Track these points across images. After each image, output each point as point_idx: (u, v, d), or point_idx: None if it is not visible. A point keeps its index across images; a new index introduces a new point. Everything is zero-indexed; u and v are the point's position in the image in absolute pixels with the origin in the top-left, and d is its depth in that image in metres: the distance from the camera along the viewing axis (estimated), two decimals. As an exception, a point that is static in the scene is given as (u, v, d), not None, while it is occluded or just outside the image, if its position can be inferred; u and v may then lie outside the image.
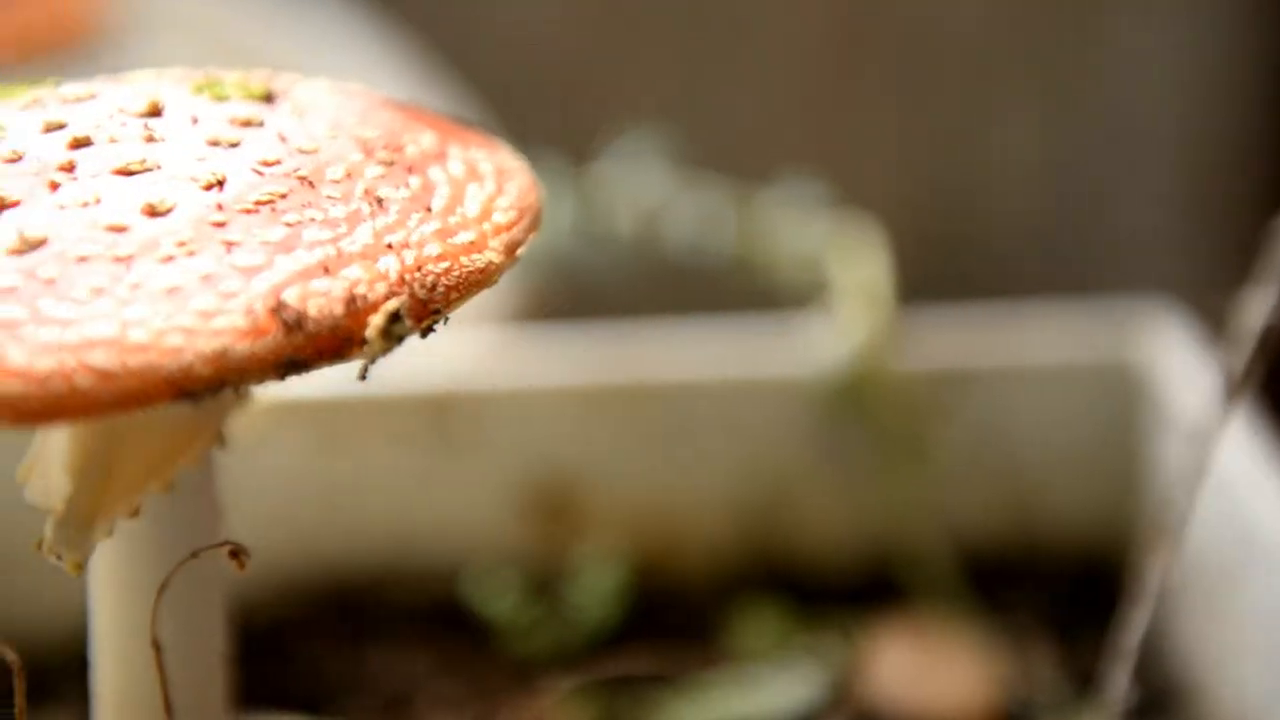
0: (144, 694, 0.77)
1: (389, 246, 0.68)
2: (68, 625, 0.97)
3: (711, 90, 2.03)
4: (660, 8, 2.02)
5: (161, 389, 0.62)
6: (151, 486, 0.71)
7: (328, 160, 0.72)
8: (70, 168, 0.69)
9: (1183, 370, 1.07)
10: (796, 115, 2.04)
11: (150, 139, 0.71)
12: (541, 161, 0.82)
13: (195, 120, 0.73)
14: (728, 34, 2.03)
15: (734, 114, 2.03)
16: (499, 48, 2.00)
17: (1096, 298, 1.23)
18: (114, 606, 0.77)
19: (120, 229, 0.66)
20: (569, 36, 2.02)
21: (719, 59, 2.03)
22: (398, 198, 0.71)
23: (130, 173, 0.69)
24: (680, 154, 1.17)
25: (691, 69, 2.03)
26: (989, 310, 1.17)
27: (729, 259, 1.14)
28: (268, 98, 0.76)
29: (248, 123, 0.73)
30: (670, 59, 2.03)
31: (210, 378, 0.63)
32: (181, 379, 0.63)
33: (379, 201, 0.70)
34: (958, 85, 2.03)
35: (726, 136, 1.87)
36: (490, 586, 1.07)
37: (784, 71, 2.03)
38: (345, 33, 1.61)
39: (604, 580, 1.08)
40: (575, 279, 1.16)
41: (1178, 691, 1.03)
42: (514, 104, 1.61)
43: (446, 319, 0.69)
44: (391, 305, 0.66)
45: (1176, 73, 2.03)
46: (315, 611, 1.08)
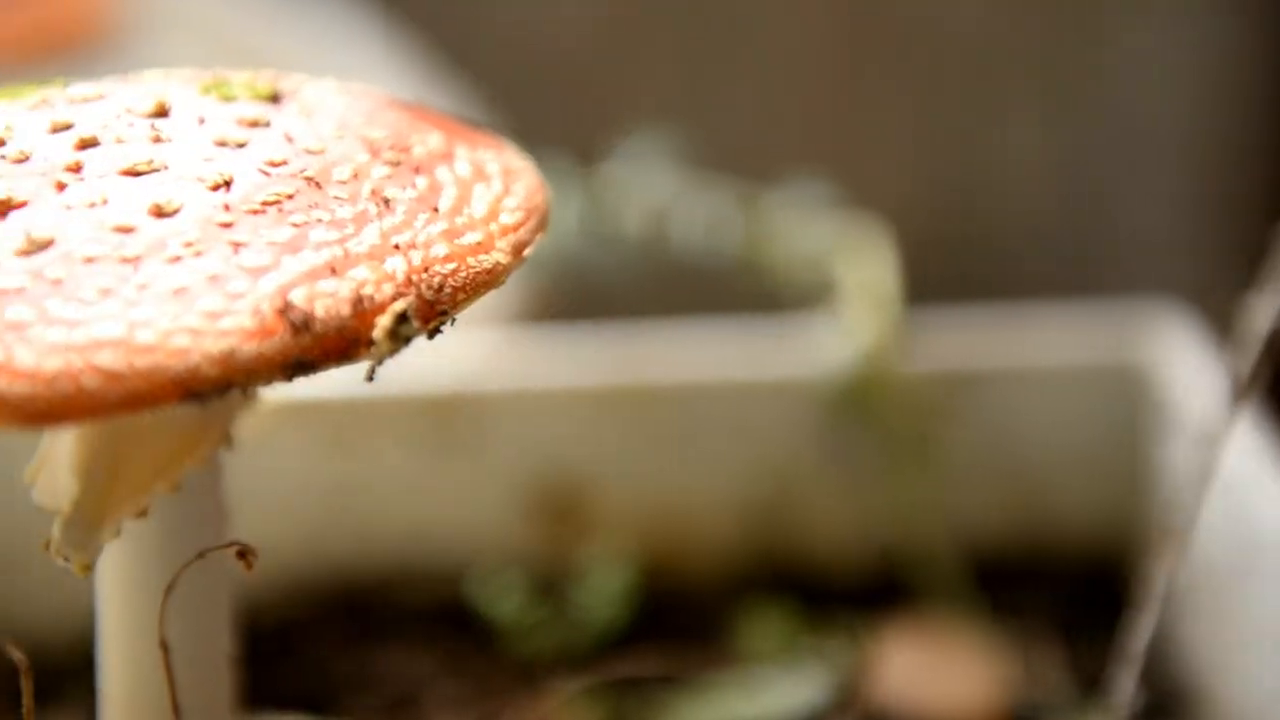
0: (151, 694, 0.77)
1: (396, 247, 0.68)
2: (75, 626, 0.97)
3: (718, 91, 2.03)
4: (667, 8, 2.02)
5: (169, 390, 0.62)
6: (159, 487, 0.71)
7: (335, 161, 0.72)
8: (77, 168, 0.69)
9: (1189, 372, 1.07)
10: (803, 116, 2.04)
11: (157, 139, 0.71)
12: (548, 162, 0.82)
13: (202, 121, 0.73)
14: (734, 35, 2.03)
15: (740, 115, 2.02)
16: (504, 47, 2.00)
17: (1102, 299, 1.23)
18: (121, 607, 0.77)
19: (127, 229, 0.66)
20: (575, 36, 2.02)
21: (725, 60, 2.02)
22: (405, 198, 0.71)
23: (137, 173, 0.69)
24: (687, 155, 1.16)
25: (697, 70, 2.03)
26: (995, 311, 1.16)
27: (735, 260, 1.14)
28: (275, 98, 0.76)
29: (255, 123, 0.73)
30: (677, 59, 2.03)
31: (217, 379, 0.63)
32: (189, 380, 0.63)
33: (386, 202, 0.70)
34: (963, 86, 2.03)
35: (733, 137, 1.87)
36: (497, 587, 1.07)
37: (790, 72, 2.03)
38: (350, 32, 1.61)
39: (610, 581, 1.08)
40: (582, 280, 1.16)
41: (1184, 694, 1.02)
42: (520, 104, 1.61)
43: (454, 320, 0.69)
44: (399, 306, 0.66)
45: (1183, 73, 2.03)
46: (322, 612, 1.07)
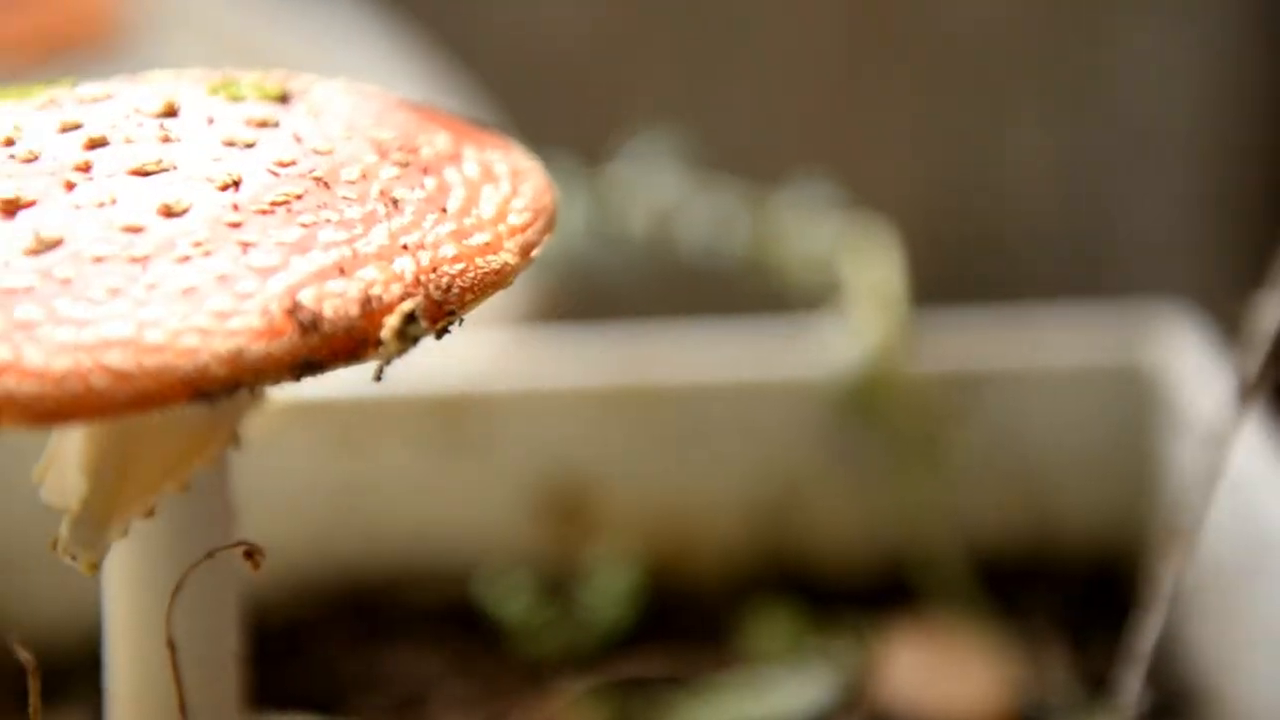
0: (158, 693, 0.77)
1: (404, 247, 0.68)
2: (82, 625, 0.97)
3: (722, 91, 2.03)
4: (670, 9, 2.02)
5: (177, 389, 0.62)
6: (167, 487, 0.71)
7: (343, 161, 0.72)
8: (86, 168, 0.69)
9: (1197, 373, 1.07)
10: (806, 116, 2.04)
11: (166, 139, 0.71)
12: (553, 163, 0.82)
13: (211, 121, 0.73)
14: (737, 35, 2.02)
15: (744, 115, 2.02)
16: (507, 47, 2.00)
17: (1110, 300, 1.23)
18: (128, 606, 0.77)
19: (136, 229, 0.66)
20: (578, 37, 2.02)
21: (729, 60, 2.02)
22: (413, 199, 0.71)
23: (146, 173, 0.69)
24: (693, 155, 1.16)
25: (702, 70, 2.03)
26: (1002, 312, 1.16)
27: (742, 261, 1.14)
28: (283, 98, 0.76)
29: (263, 123, 0.73)
30: (683, 60, 2.03)
31: (226, 378, 0.63)
32: (197, 379, 0.63)
33: (394, 203, 0.70)
34: (967, 86, 2.03)
35: (737, 138, 1.87)
36: (503, 587, 1.07)
37: (794, 72, 2.03)
38: (356, 32, 1.61)
39: (617, 581, 1.08)
40: (588, 280, 1.16)
41: (1191, 694, 1.02)
42: (523, 104, 1.61)
43: (461, 320, 0.69)
44: (407, 306, 0.66)
45: (1191, 74, 2.03)
46: (329, 612, 1.08)
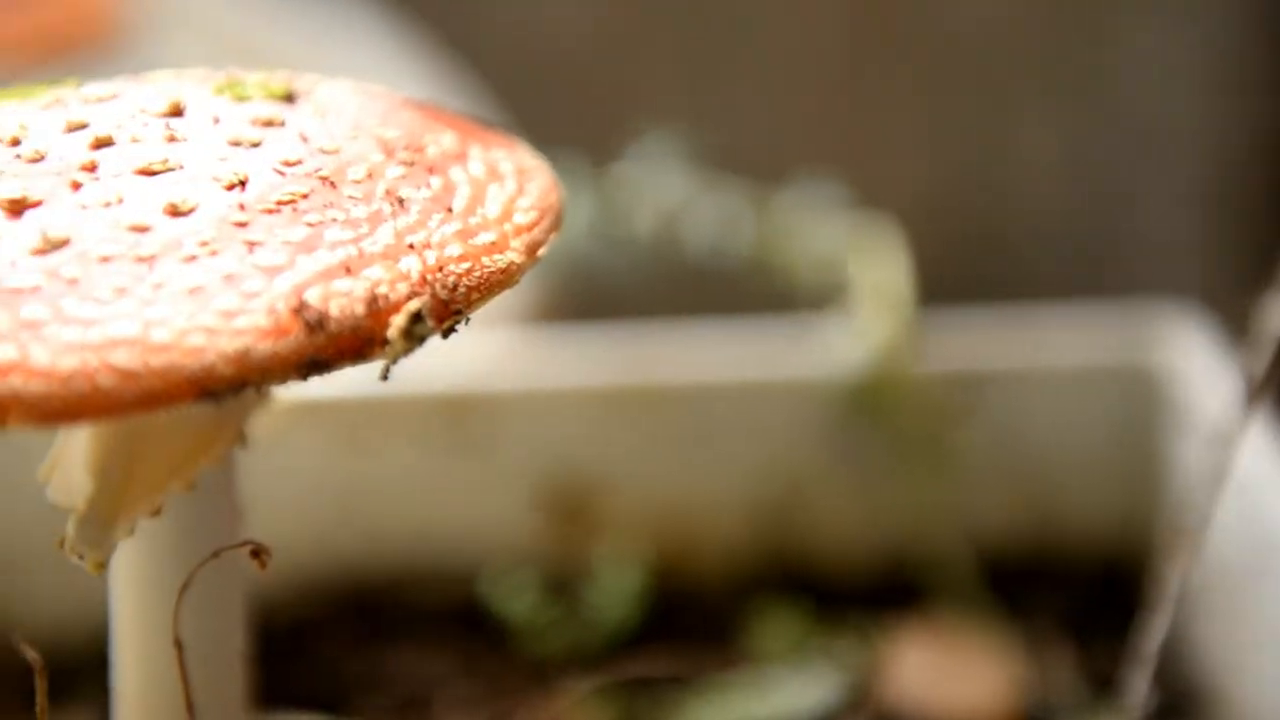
0: (164, 692, 0.77)
1: (410, 247, 0.68)
2: (89, 624, 0.97)
3: (727, 91, 2.03)
4: (678, 9, 2.02)
5: (184, 389, 0.62)
6: (173, 486, 0.71)
7: (349, 160, 0.72)
8: (92, 168, 0.69)
9: (1203, 373, 1.07)
10: (812, 116, 2.04)
11: (172, 139, 0.71)
12: (559, 162, 0.82)
13: (217, 120, 0.73)
14: (743, 35, 2.02)
15: (749, 115, 2.02)
16: (515, 47, 2.00)
17: (1116, 300, 1.23)
18: (135, 605, 0.77)
19: (143, 229, 0.66)
20: (582, 37, 2.02)
21: (734, 60, 2.02)
22: (419, 198, 0.71)
23: (152, 173, 0.69)
24: (698, 155, 1.16)
25: (709, 70, 2.03)
26: (1008, 312, 1.16)
27: (747, 260, 1.14)
28: (289, 98, 0.76)
29: (269, 123, 0.73)
30: (688, 60, 2.03)
31: (232, 377, 0.63)
32: (204, 379, 0.63)
33: (400, 202, 0.70)
34: (975, 86, 2.03)
35: (744, 137, 1.87)
36: (508, 587, 1.07)
37: (800, 72, 2.03)
38: (359, 32, 1.61)
39: (622, 581, 1.08)
40: (593, 280, 1.16)
41: (1197, 695, 1.02)
42: (530, 104, 1.61)
43: (468, 319, 0.69)
44: (413, 305, 0.66)
45: (1195, 73, 2.03)
46: (334, 611, 1.08)
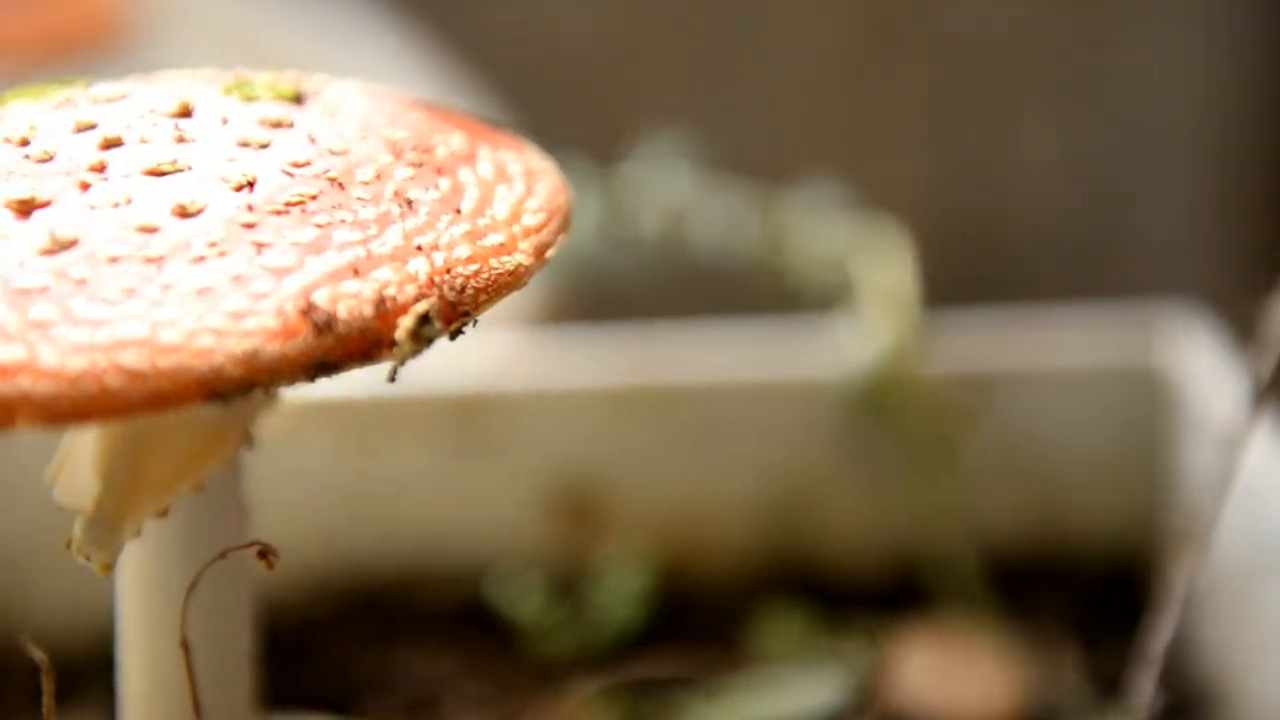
0: (171, 693, 0.77)
1: (419, 248, 0.68)
2: (95, 625, 0.97)
3: (732, 92, 2.03)
4: (684, 10, 2.02)
5: (192, 390, 0.62)
6: (180, 487, 0.71)
7: (358, 161, 0.72)
8: (101, 168, 0.69)
9: (1209, 375, 1.07)
10: (820, 117, 2.04)
11: (181, 139, 0.71)
12: (566, 163, 0.82)
13: (225, 121, 0.73)
14: (748, 36, 2.03)
15: (755, 116, 2.02)
16: (521, 48, 2.00)
17: (1122, 301, 1.23)
18: (142, 606, 0.77)
19: (151, 229, 0.66)
20: (589, 37, 2.02)
21: (739, 61, 2.03)
22: (427, 199, 0.71)
23: (161, 173, 0.69)
24: (705, 156, 1.16)
25: (715, 71, 2.03)
26: (1014, 313, 1.16)
27: (753, 261, 1.14)
28: (297, 99, 0.76)
29: (278, 124, 0.73)
30: (694, 60, 2.03)
31: (241, 379, 0.63)
32: (212, 380, 0.63)
33: (409, 203, 0.70)
34: (979, 87, 2.03)
35: (748, 138, 1.87)
36: (516, 588, 1.07)
37: (808, 73, 2.03)
38: (363, 31, 1.61)
39: (629, 582, 1.08)
40: (601, 281, 1.16)
41: (1203, 697, 1.02)
42: (537, 105, 1.61)
43: (476, 321, 0.69)
44: (421, 307, 0.66)
45: (1198, 73, 2.03)
46: (342, 612, 1.08)
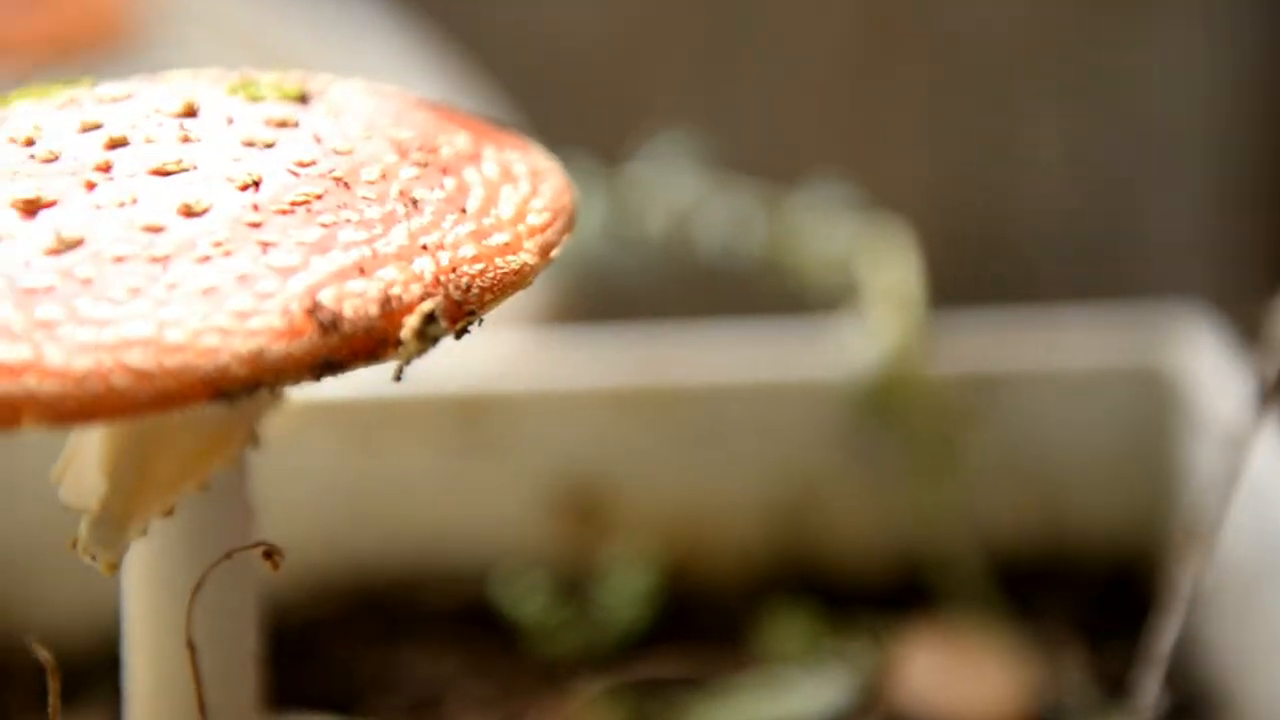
0: (176, 693, 0.77)
1: (424, 248, 0.68)
2: (100, 625, 0.97)
3: (740, 92, 2.03)
4: (688, 9, 2.02)
5: (198, 389, 0.62)
6: (186, 486, 0.71)
7: (363, 161, 0.72)
8: (107, 168, 0.69)
9: (1214, 375, 1.07)
10: (827, 117, 2.04)
11: (186, 139, 0.71)
12: (571, 163, 0.82)
13: (231, 121, 0.73)
14: (754, 36, 2.03)
15: (763, 116, 2.02)
16: (527, 48, 2.00)
17: (1127, 301, 1.23)
18: (148, 606, 0.77)
19: (157, 229, 0.66)
20: (595, 37, 2.02)
21: (745, 61, 2.03)
22: (432, 199, 0.71)
23: (166, 173, 0.69)
24: (709, 156, 1.16)
25: (721, 71, 2.03)
26: (1018, 314, 1.16)
27: (759, 261, 1.14)
28: (303, 98, 0.76)
29: (283, 123, 0.73)
30: (699, 61, 2.03)
31: (246, 378, 0.63)
32: (218, 379, 0.63)
33: (414, 203, 0.70)
34: (987, 87, 2.03)
35: (756, 139, 1.87)
36: (520, 588, 1.07)
37: (814, 73, 2.03)
38: (373, 31, 1.61)
39: (633, 582, 1.08)
40: (605, 281, 1.16)
41: (1208, 697, 1.02)
42: (542, 104, 1.61)
43: (481, 320, 0.69)
44: (426, 306, 0.66)
45: (1205, 74, 2.03)
46: (346, 612, 1.08)
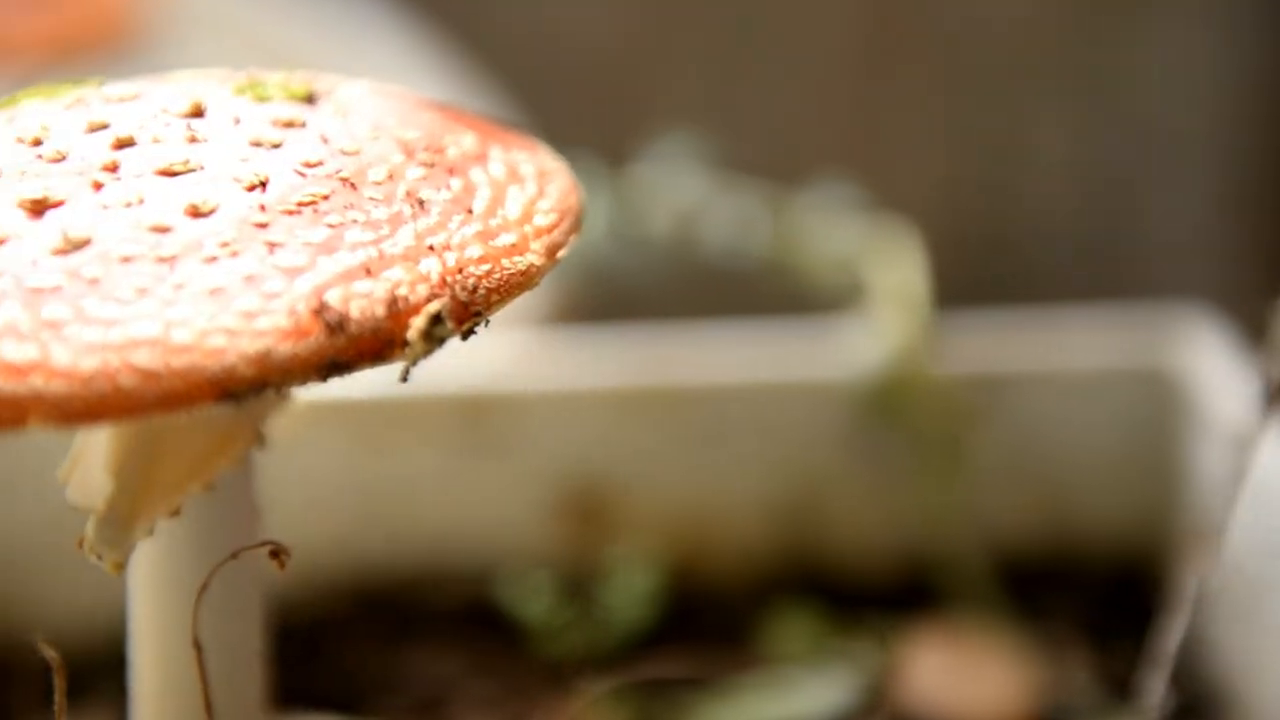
0: (182, 692, 0.77)
1: (430, 248, 0.68)
2: (106, 624, 0.97)
3: (746, 93, 2.03)
4: (694, 10, 2.02)
5: (205, 389, 0.63)
6: (192, 487, 0.72)
7: (370, 162, 0.72)
8: (114, 168, 0.69)
9: (1220, 376, 1.07)
10: (831, 118, 2.04)
11: (193, 139, 0.71)
12: (576, 164, 0.82)
13: (238, 121, 0.73)
14: (760, 37, 2.02)
15: (769, 117, 2.02)
16: (533, 49, 2.00)
17: (1132, 302, 1.23)
18: (154, 605, 0.77)
19: (164, 229, 0.67)
20: (601, 38, 2.02)
21: (753, 61, 2.02)
22: (439, 199, 0.71)
23: (173, 173, 0.69)
24: (715, 157, 1.16)
25: (726, 71, 2.03)
26: (1024, 314, 1.16)
27: (764, 262, 1.14)
28: (309, 99, 0.76)
29: (290, 124, 0.73)
30: (705, 61, 2.03)
31: (253, 379, 0.63)
32: (225, 380, 0.63)
33: (420, 203, 0.70)
34: (993, 87, 2.03)
35: (761, 139, 1.87)
36: (524, 588, 1.07)
37: (819, 74, 2.03)
38: (379, 32, 1.61)
39: (638, 582, 1.08)
40: (611, 281, 1.16)
41: (1214, 698, 1.02)
42: (547, 105, 1.61)
43: (487, 321, 0.69)
44: (433, 307, 0.66)
45: (1212, 74, 2.03)
46: (352, 611, 1.08)
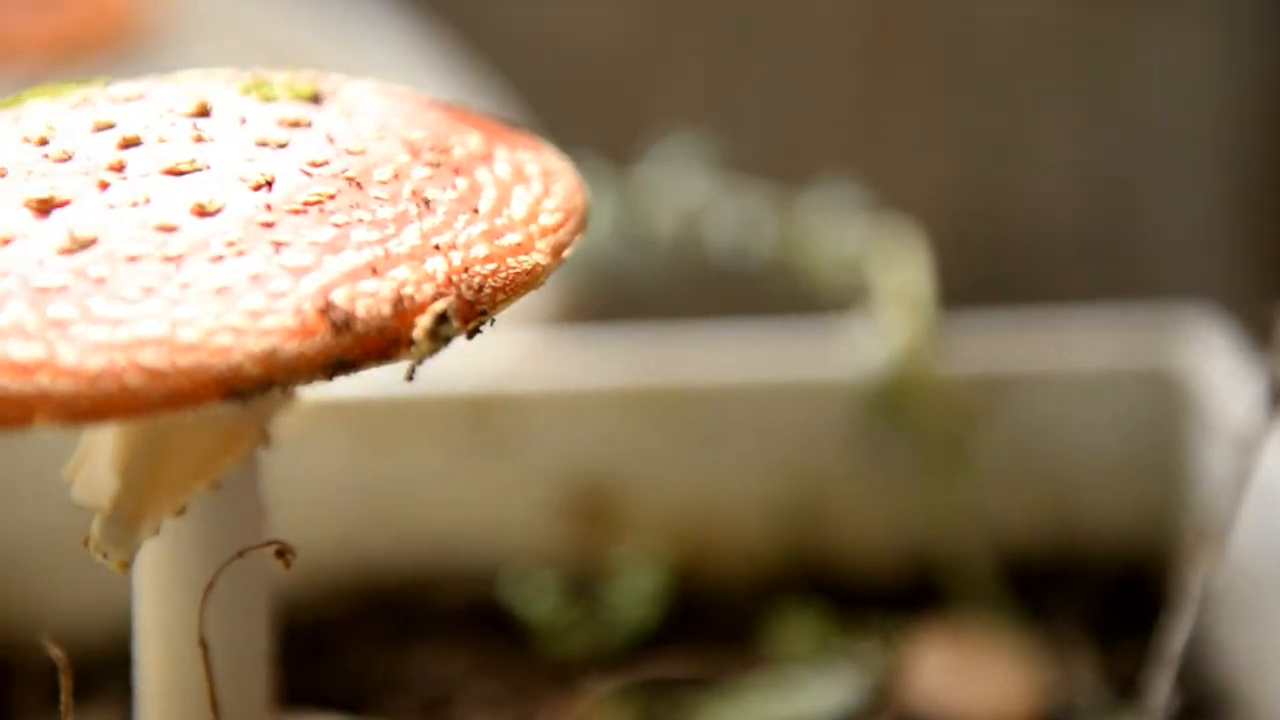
0: (188, 692, 0.77)
1: (436, 248, 0.68)
2: (112, 623, 0.97)
3: (751, 93, 2.03)
4: (698, 11, 2.02)
5: (211, 388, 0.63)
6: (198, 486, 0.72)
7: (375, 161, 0.72)
8: (120, 167, 0.70)
9: (1225, 376, 1.07)
10: (836, 119, 2.04)
11: (199, 139, 0.72)
12: (580, 163, 0.82)
13: (244, 121, 0.73)
14: (764, 37, 2.03)
15: (771, 117, 2.02)
16: (539, 49, 2.00)
17: (1137, 303, 1.23)
18: (159, 604, 0.77)
19: (170, 229, 0.67)
20: (606, 38, 2.02)
21: (758, 62, 2.03)
22: (445, 199, 0.71)
23: (180, 173, 0.69)
24: (719, 157, 1.16)
25: (731, 72, 2.03)
26: (1028, 315, 1.16)
27: (769, 262, 1.14)
28: (315, 99, 0.76)
29: (296, 124, 0.74)
30: (710, 62, 2.03)
31: (259, 378, 0.63)
32: (231, 378, 0.63)
33: (426, 203, 0.70)
34: (997, 88, 2.03)
35: (766, 140, 1.87)
36: (529, 588, 1.07)
37: (823, 75, 2.03)
38: (384, 32, 1.62)
39: (642, 582, 1.08)
40: (616, 281, 1.16)
41: (1219, 698, 1.02)
42: (553, 105, 1.62)
43: (493, 320, 0.69)
44: (439, 306, 0.66)
45: (1217, 75, 2.03)
46: (357, 611, 1.08)
